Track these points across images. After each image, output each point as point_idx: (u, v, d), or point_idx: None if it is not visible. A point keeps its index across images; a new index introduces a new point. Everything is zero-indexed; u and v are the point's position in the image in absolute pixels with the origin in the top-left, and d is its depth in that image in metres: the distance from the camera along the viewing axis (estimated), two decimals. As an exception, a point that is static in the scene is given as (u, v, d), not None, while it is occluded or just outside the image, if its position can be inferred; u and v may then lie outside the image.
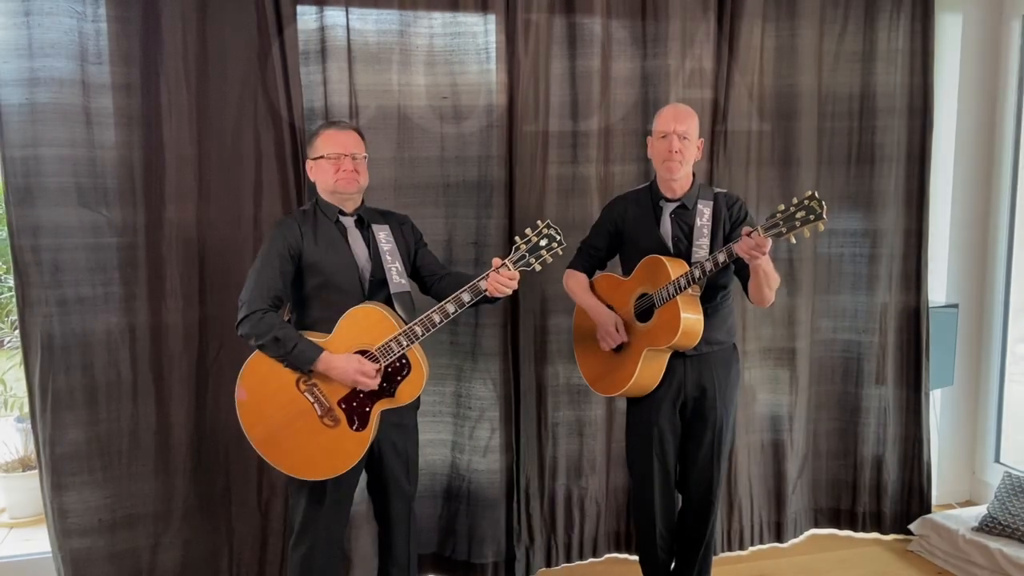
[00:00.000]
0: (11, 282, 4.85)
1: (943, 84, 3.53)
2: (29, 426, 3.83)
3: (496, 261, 2.23)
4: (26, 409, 3.90)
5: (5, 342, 4.17)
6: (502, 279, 2.22)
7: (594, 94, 3.08)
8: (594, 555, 3.32)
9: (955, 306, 3.62)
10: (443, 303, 2.24)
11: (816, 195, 2.19)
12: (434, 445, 3.13)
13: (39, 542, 3.36)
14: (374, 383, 2.21)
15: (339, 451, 2.22)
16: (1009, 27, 3.56)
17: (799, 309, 3.40)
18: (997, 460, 3.75)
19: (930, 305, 3.49)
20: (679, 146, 2.48)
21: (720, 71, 3.18)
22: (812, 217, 2.18)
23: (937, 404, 3.71)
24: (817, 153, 3.37)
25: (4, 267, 5.70)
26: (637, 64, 3.14)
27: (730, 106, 3.19)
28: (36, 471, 3.77)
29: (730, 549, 3.40)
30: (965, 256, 3.69)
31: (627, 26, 3.10)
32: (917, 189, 3.43)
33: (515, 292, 2.97)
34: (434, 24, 2.93)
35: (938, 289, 3.66)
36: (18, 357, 3.78)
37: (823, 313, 3.50)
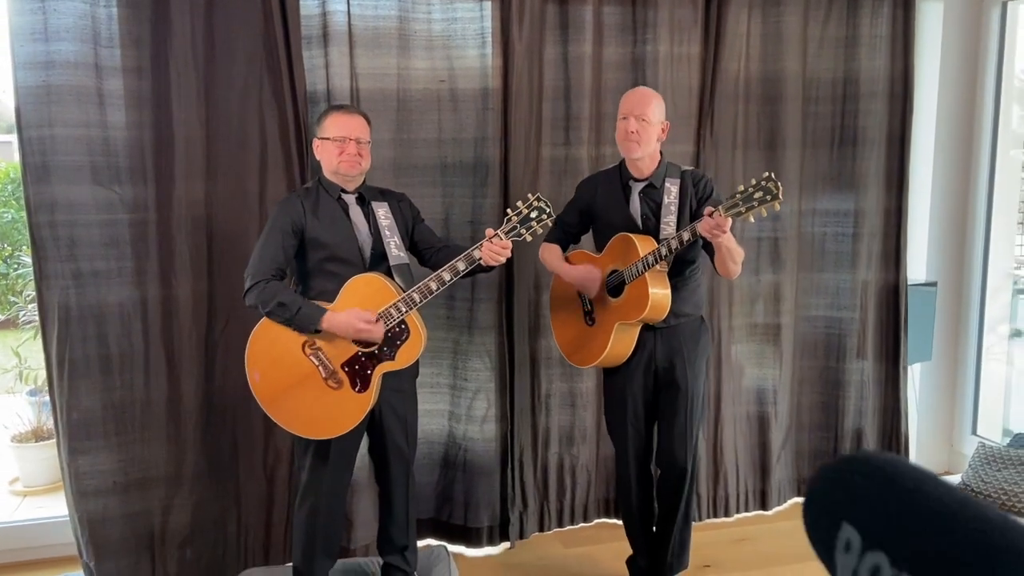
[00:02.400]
0: (19, 261, 5.00)
1: (924, 69, 3.66)
2: (41, 399, 3.99)
3: (489, 231, 2.37)
4: (38, 382, 4.06)
5: (20, 316, 4.29)
6: (495, 248, 2.35)
7: (586, 78, 3.20)
8: (584, 520, 3.47)
9: (934, 284, 3.76)
10: (439, 271, 2.37)
11: (772, 176, 2.31)
12: (432, 415, 3.27)
13: (52, 509, 3.50)
14: (378, 328, 2.33)
15: (343, 411, 2.36)
16: (988, 15, 3.68)
17: (784, 286, 3.54)
18: (974, 432, 3.89)
19: (910, 283, 3.63)
20: (636, 127, 2.56)
21: (707, 56, 3.30)
22: (769, 197, 2.30)
23: (917, 378, 3.85)
24: (801, 136, 3.49)
25: (10, 249, 5.84)
26: (627, 50, 3.25)
27: (717, 90, 3.31)
28: (48, 442, 3.94)
29: (716, 516, 3.55)
30: (944, 236, 3.82)
31: (618, 13, 3.22)
32: (897, 170, 3.55)
33: (509, 269, 3.14)
34: (432, 10, 3.05)
35: (918, 268, 3.79)
36: (32, 332, 3.92)
37: (807, 290, 3.63)
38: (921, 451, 3.90)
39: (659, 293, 2.56)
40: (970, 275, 3.84)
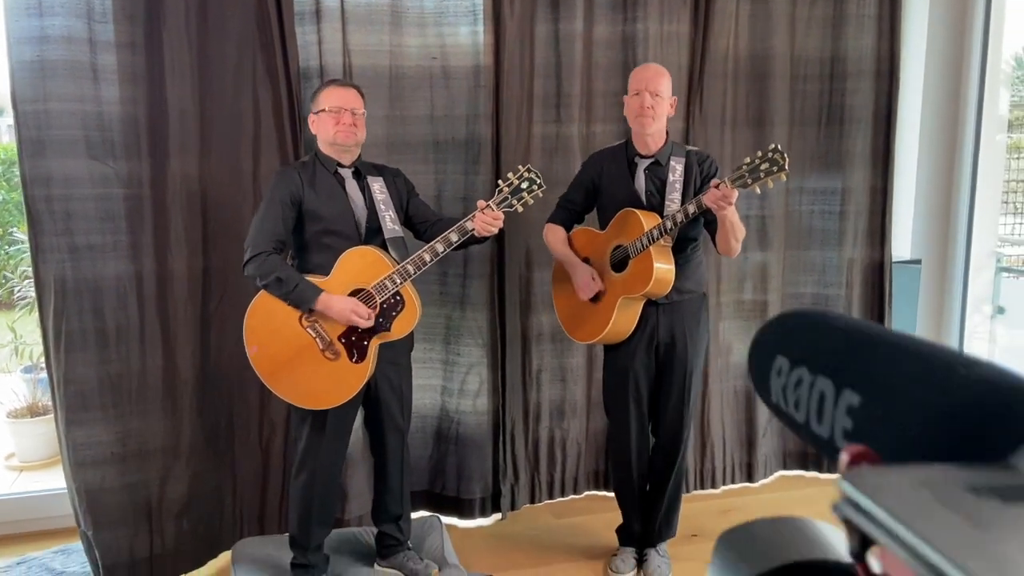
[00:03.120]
0: (11, 238, 5.00)
1: (910, 49, 3.70)
2: (36, 376, 4.02)
3: (481, 203, 2.41)
4: (34, 359, 4.08)
5: (15, 292, 4.30)
6: (487, 219, 2.39)
7: (576, 56, 3.23)
8: (575, 492, 3.53)
9: (918, 262, 3.82)
10: (432, 243, 2.42)
11: (779, 147, 2.36)
12: (424, 390, 3.31)
13: (48, 482, 3.54)
14: (368, 323, 2.38)
15: (340, 382, 2.40)
16: (974, -5, 3.73)
17: (771, 264, 3.59)
18: (956, 408, 3.96)
19: (894, 261, 3.69)
20: (651, 102, 2.62)
21: (696, 35, 3.33)
22: (775, 168, 2.35)
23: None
24: (789, 114, 3.53)
25: (1, 230, 5.84)
26: (618, 28, 3.28)
27: (706, 69, 3.35)
28: (43, 417, 3.96)
29: (703, 487, 3.62)
30: (929, 214, 3.88)
31: (608, -9, 3.25)
32: (883, 149, 3.60)
33: (500, 245, 3.19)
34: (424, -13, 3.07)
35: (903, 246, 3.85)
36: (27, 308, 3.95)
37: (794, 267, 3.69)
38: (904, 425, 3.97)
39: (663, 267, 2.60)
40: (954, 253, 3.90)
